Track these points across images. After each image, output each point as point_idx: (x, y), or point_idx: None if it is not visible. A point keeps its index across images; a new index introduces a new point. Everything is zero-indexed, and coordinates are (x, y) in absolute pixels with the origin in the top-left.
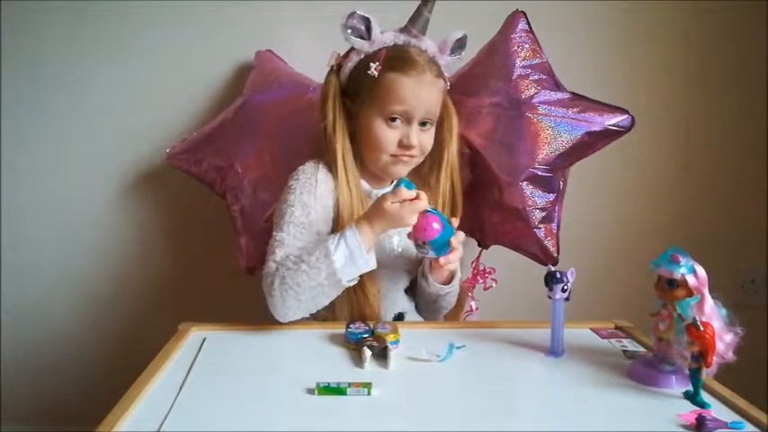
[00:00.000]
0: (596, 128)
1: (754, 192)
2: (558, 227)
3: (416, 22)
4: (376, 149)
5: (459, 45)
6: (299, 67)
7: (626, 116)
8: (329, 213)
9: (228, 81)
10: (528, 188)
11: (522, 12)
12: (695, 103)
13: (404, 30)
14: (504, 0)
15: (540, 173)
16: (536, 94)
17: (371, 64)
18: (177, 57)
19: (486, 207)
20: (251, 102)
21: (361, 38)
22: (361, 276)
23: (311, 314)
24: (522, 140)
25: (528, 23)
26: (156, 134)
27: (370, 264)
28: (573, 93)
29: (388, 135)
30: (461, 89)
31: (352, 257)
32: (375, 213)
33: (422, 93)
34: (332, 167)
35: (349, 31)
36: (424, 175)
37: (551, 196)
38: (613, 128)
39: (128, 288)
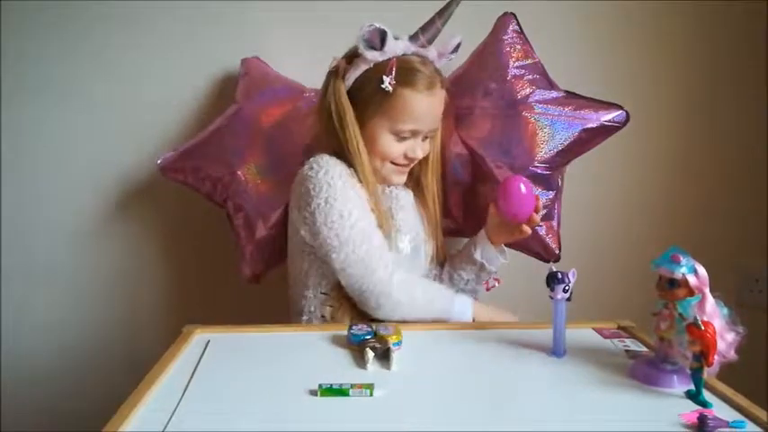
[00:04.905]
0: (592, 124)
1: (758, 189)
2: (559, 224)
3: (427, 32)
4: (380, 159)
5: (454, 50)
6: (286, 73)
7: (621, 111)
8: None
9: (216, 89)
10: None
11: (512, 14)
12: (697, 101)
13: (414, 37)
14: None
15: (539, 171)
16: (531, 93)
17: (384, 77)
18: (164, 64)
19: (487, 208)
20: (246, 108)
21: (374, 48)
22: None
23: (315, 316)
24: (520, 140)
25: (518, 25)
26: (156, 140)
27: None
28: (566, 91)
29: (396, 148)
30: (456, 92)
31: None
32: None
33: (433, 109)
34: (347, 158)
35: (364, 43)
36: (416, 176)
37: (551, 194)
38: (609, 123)
39: (129, 293)
